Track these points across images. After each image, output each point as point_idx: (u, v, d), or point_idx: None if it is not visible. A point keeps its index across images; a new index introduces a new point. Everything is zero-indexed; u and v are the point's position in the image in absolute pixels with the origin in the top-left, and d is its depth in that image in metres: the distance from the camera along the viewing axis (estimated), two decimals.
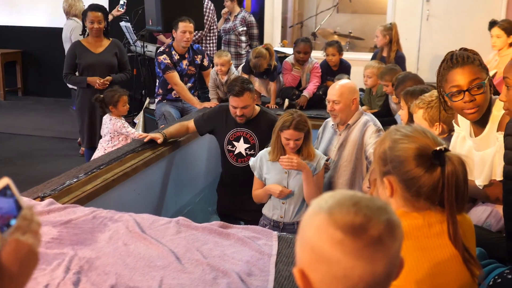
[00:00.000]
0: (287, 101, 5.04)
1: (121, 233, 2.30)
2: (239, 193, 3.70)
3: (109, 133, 4.17)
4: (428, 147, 1.40)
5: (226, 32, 6.46)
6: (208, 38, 6.25)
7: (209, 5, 6.15)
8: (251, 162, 3.30)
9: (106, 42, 4.86)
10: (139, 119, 5.65)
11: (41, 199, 2.66)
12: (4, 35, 9.28)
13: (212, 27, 6.22)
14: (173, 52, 4.89)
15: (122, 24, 6.65)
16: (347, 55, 5.72)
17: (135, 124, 5.77)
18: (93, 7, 4.73)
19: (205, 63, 5.13)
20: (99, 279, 1.95)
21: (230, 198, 3.81)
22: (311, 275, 0.98)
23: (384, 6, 7.79)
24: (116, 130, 4.13)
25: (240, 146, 3.66)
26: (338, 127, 3.46)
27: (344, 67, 5.32)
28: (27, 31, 9.24)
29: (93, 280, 1.95)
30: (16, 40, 9.30)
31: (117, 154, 3.44)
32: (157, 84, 5.14)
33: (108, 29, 4.85)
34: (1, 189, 0.97)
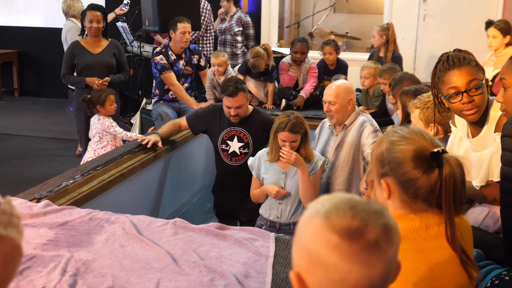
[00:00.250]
0: (284, 101, 5.03)
1: (118, 235, 2.29)
2: (234, 192, 3.72)
3: (97, 134, 4.18)
4: (425, 149, 1.40)
5: (222, 32, 6.45)
6: (205, 38, 6.25)
7: (205, 5, 6.14)
8: (249, 161, 3.31)
9: (105, 42, 4.84)
10: (136, 119, 5.64)
11: (37, 200, 2.65)
12: (1, 35, 9.27)
13: (208, 27, 6.22)
14: (169, 53, 4.88)
15: (119, 24, 6.63)
16: (344, 55, 5.72)
17: (132, 124, 5.76)
18: (92, 7, 4.72)
19: (202, 63, 5.13)
20: (95, 281, 1.95)
21: (226, 197, 3.82)
22: (308, 279, 0.97)
23: (381, 6, 7.79)
24: (105, 130, 4.14)
25: (234, 145, 3.68)
26: (335, 127, 3.46)
27: (341, 67, 5.32)
28: (23, 31, 9.22)
29: (90, 282, 1.94)
30: (13, 40, 9.29)
31: (114, 155, 3.43)
32: (153, 84, 5.14)
33: (107, 29, 4.84)
34: None
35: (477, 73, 2.08)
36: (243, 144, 3.67)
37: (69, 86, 5.88)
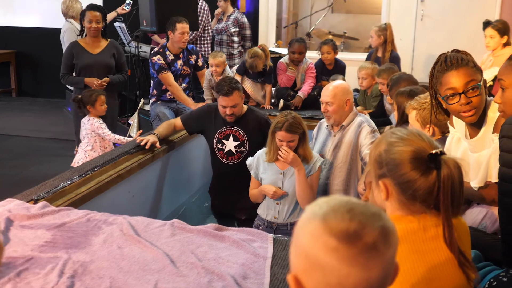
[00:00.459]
0: (282, 101, 5.03)
1: (116, 236, 2.29)
2: (231, 191, 3.74)
3: (87, 135, 4.17)
4: (423, 150, 1.40)
5: (218, 33, 6.45)
6: (203, 38, 6.24)
7: (203, 6, 6.14)
8: (248, 161, 3.33)
9: (104, 42, 4.83)
10: (133, 120, 5.63)
11: (35, 202, 2.64)
12: None
13: (206, 27, 6.21)
14: (167, 53, 4.88)
15: (116, 24, 6.62)
16: (341, 55, 5.72)
17: (130, 125, 5.75)
18: (91, 7, 4.71)
19: (200, 63, 5.12)
20: (93, 283, 1.94)
21: (223, 197, 3.84)
22: (306, 282, 0.97)
23: (379, 6, 7.80)
24: (94, 131, 4.13)
25: (230, 144, 3.71)
26: (332, 128, 3.46)
27: (339, 67, 5.32)
28: (21, 31, 9.21)
29: (87, 284, 1.93)
30: (10, 41, 9.27)
31: (111, 156, 3.42)
32: (151, 85, 5.13)
33: (106, 29, 4.84)
34: None
35: (475, 74, 2.07)
36: (238, 142, 3.70)
37: (67, 87, 5.88)
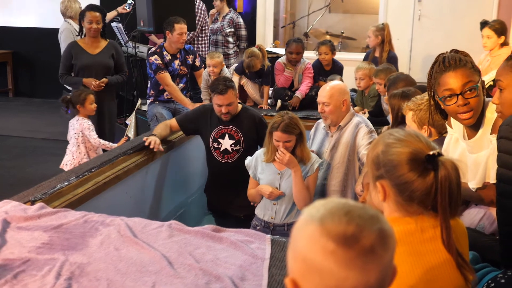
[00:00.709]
0: (279, 102, 5.03)
1: (113, 237, 2.28)
2: (228, 189, 3.76)
3: (74, 135, 4.13)
4: (421, 152, 1.39)
5: (213, 33, 6.44)
6: (200, 38, 6.23)
7: (200, 6, 6.13)
8: (246, 161, 3.34)
9: (103, 43, 4.81)
10: (131, 120, 5.62)
11: (31, 203, 2.64)
12: None
13: (203, 27, 6.21)
14: (164, 53, 4.87)
15: (114, 24, 6.61)
16: (339, 55, 5.71)
17: (127, 125, 5.74)
18: (92, 7, 4.69)
19: (197, 63, 5.12)
20: (90, 285, 1.93)
21: (220, 195, 3.86)
22: (303, 285, 0.97)
23: (376, 6, 7.79)
24: (82, 131, 4.10)
25: (226, 142, 3.74)
26: (329, 128, 3.46)
27: (337, 68, 5.31)
28: (18, 31, 9.19)
29: (84, 286, 1.93)
30: (7, 41, 9.25)
31: (109, 156, 3.42)
32: (148, 85, 5.12)
33: (105, 30, 4.82)
34: None
35: (472, 75, 2.06)
36: (234, 141, 3.73)
37: (64, 87, 5.85)
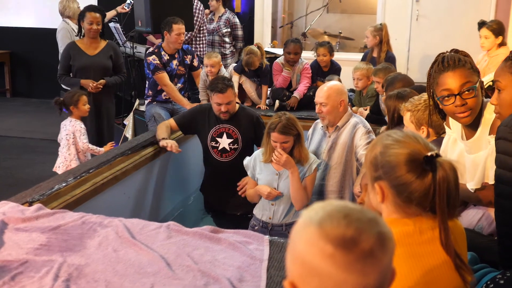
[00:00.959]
0: (277, 102, 5.03)
1: (111, 239, 2.27)
2: (226, 188, 3.76)
3: (65, 136, 4.09)
4: (419, 153, 1.39)
5: (210, 33, 6.44)
6: (198, 39, 6.22)
7: (198, 6, 6.12)
8: (245, 161, 3.34)
9: (102, 44, 4.79)
10: (129, 120, 5.61)
11: (29, 204, 2.63)
12: None
13: (201, 27, 6.19)
14: (162, 53, 4.87)
15: (111, 25, 6.60)
16: (337, 55, 5.72)
17: (125, 126, 5.73)
18: (92, 8, 4.66)
19: (195, 63, 5.12)
20: (88, 286, 1.93)
21: (217, 194, 3.88)
22: None
23: (374, 6, 7.79)
24: (74, 132, 4.07)
25: (224, 141, 3.76)
26: (327, 129, 3.46)
27: (335, 69, 5.31)
28: (15, 31, 9.17)
29: (83, 287, 1.92)
30: (5, 41, 9.24)
31: (107, 157, 3.41)
32: (146, 85, 5.11)
33: (103, 30, 4.80)
34: None
35: (471, 75, 2.06)
36: (232, 140, 3.75)
37: (62, 87, 5.85)
